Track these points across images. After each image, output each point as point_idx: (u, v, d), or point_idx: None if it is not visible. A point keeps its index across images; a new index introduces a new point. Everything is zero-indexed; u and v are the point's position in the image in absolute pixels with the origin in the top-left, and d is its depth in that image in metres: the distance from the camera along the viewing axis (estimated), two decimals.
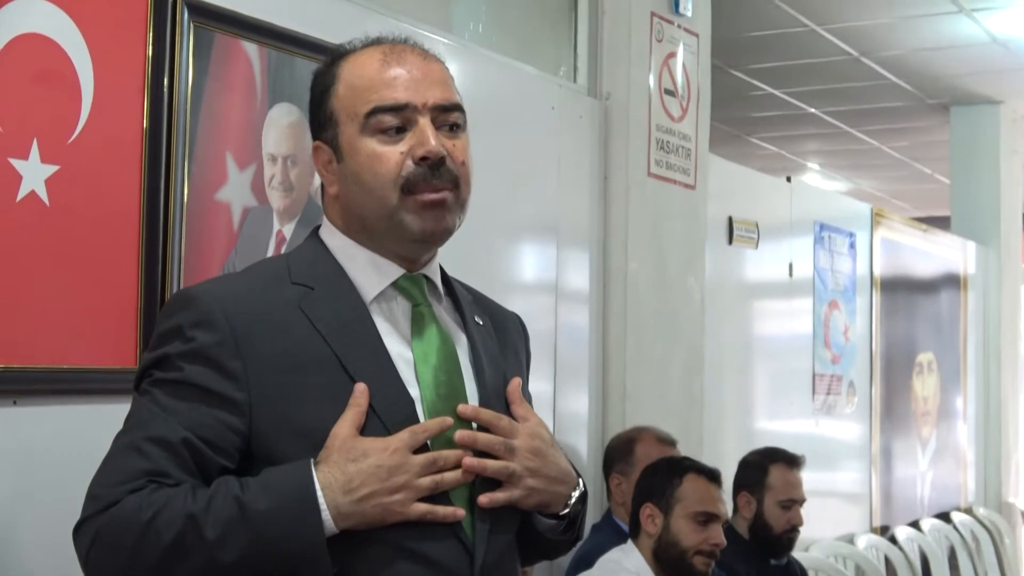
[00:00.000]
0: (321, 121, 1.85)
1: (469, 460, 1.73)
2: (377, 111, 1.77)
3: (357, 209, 1.81)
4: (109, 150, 2.52)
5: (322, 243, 1.87)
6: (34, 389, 2.38)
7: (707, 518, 3.35)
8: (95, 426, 2.47)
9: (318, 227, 1.92)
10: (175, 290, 2.61)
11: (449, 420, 1.74)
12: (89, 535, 1.64)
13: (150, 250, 2.59)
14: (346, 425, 1.68)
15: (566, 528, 1.93)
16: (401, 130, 1.77)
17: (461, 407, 1.78)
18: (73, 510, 2.40)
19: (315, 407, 1.70)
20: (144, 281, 2.58)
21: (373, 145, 1.77)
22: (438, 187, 1.77)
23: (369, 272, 1.82)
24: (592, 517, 4.02)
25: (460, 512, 1.72)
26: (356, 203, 1.81)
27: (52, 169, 2.40)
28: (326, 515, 1.63)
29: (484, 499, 1.75)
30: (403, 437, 1.69)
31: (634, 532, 3.46)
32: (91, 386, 2.48)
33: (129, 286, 2.56)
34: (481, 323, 1.95)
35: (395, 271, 1.83)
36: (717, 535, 3.34)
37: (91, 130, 2.48)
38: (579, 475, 1.97)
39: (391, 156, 1.76)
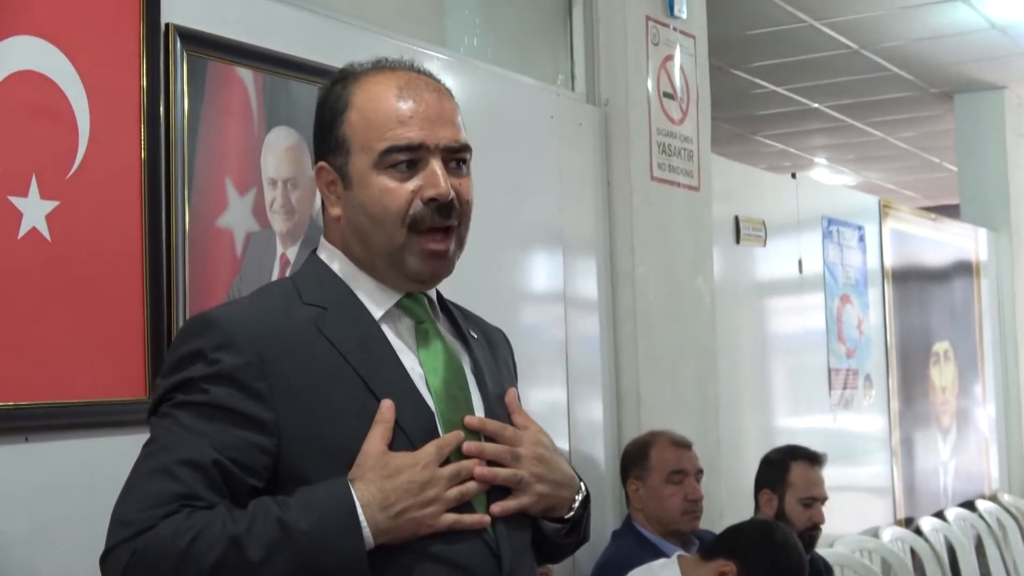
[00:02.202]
0: (330, 145, 1.86)
1: (480, 470, 1.78)
2: (392, 150, 1.81)
3: (362, 236, 1.85)
4: (108, 183, 2.53)
5: (324, 264, 1.89)
6: (45, 425, 2.38)
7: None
8: (108, 458, 2.48)
9: (315, 249, 1.94)
10: (181, 319, 2.62)
11: (462, 433, 1.80)
12: (121, 562, 1.62)
13: (154, 280, 2.59)
14: (378, 442, 1.72)
15: (570, 531, 1.96)
16: (412, 164, 1.82)
17: (468, 419, 1.83)
18: (88, 544, 2.40)
19: (341, 424, 1.73)
20: (150, 311, 2.58)
21: (384, 181, 1.81)
22: (443, 225, 1.82)
23: (374, 292, 1.86)
24: (612, 524, 4.02)
25: (486, 519, 1.78)
26: (361, 231, 1.85)
27: (52, 205, 2.41)
28: (366, 532, 1.67)
29: (497, 508, 1.80)
30: (430, 452, 1.74)
31: None
32: (102, 419, 2.48)
33: (135, 317, 2.56)
34: (476, 337, 2.00)
35: (396, 292, 1.88)
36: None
37: (89, 164, 2.48)
38: (580, 479, 2.00)
39: (401, 194, 1.80)
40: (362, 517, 1.66)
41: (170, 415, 1.71)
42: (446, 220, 1.83)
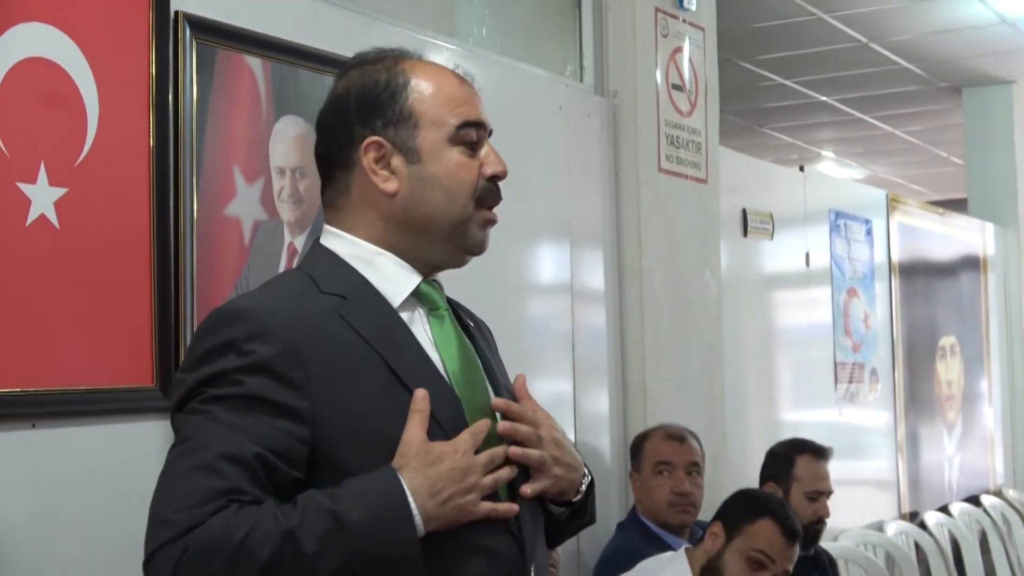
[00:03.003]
0: (388, 119, 1.86)
1: (515, 449, 1.82)
2: (467, 125, 1.87)
3: (426, 211, 1.86)
4: (117, 170, 2.53)
5: (333, 253, 1.88)
6: (52, 411, 2.38)
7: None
8: (114, 445, 2.51)
9: (316, 239, 1.94)
10: (189, 307, 2.63)
11: (489, 421, 1.81)
12: (171, 562, 1.59)
13: (162, 268, 2.59)
14: (419, 430, 1.73)
15: (573, 515, 1.99)
16: (474, 146, 1.88)
17: (495, 401, 1.87)
18: (95, 530, 2.43)
19: (374, 413, 1.74)
20: (157, 299, 2.58)
21: (457, 155, 1.86)
22: (495, 204, 1.91)
23: (393, 278, 1.86)
24: (617, 516, 4.03)
25: (515, 507, 1.80)
26: (427, 204, 1.86)
27: (60, 192, 2.41)
28: (417, 519, 1.68)
29: (527, 489, 1.83)
30: (466, 439, 1.76)
31: None
32: (108, 406, 2.49)
33: (142, 305, 2.56)
34: (473, 324, 2.03)
35: (416, 277, 1.88)
36: None
37: (98, 151, 2.48)
38: (585, 463, 2.02)
39: (473, 168, 1.87)
40: (413, 505, 1.67)
41: (203, 410, 1.68)
42: (497, 199, 1.91)
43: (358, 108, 1.88)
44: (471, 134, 1.87)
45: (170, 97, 2.64)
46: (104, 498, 2.47)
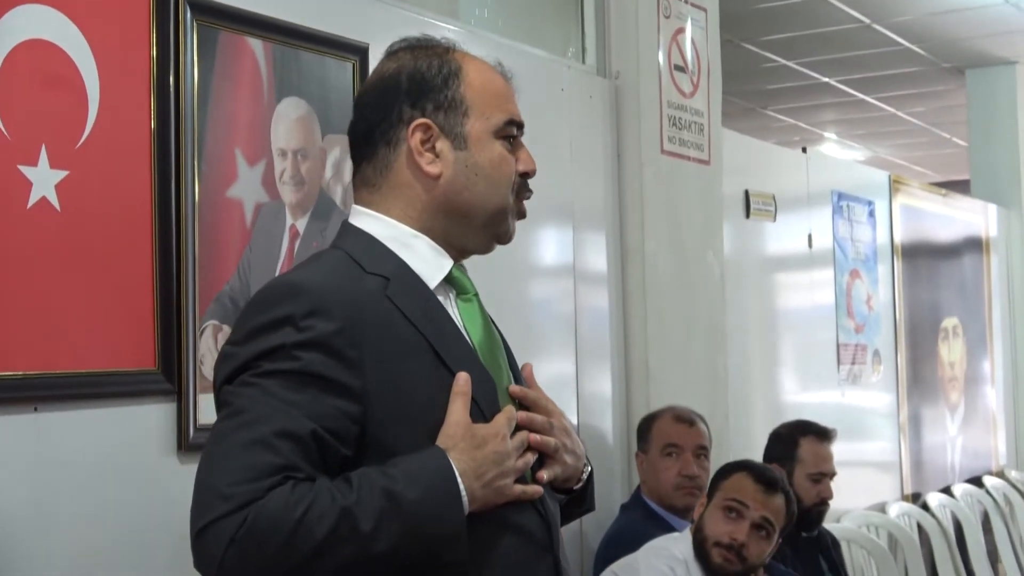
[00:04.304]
0: (439, 103, 1.90)
1: (536, 438, 1.87)
2: (511, 123, 1.94)
3: (468, 196, 1.90)
4: (118, 152, 2.52)
5: (368, 234, 1.90)
6: (54, 395, 2.38)
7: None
8: (117, 429, 2.50)
9: (346, 219, 1.95)
10: (191, 290, 2.62)
11: (512, 405, 1.88)
12: (226, 535, 1.60)
13: (164, 250, 2.59)
14: (464, 413, 1.78)
15: (572, 502, 2.03)
16: (513, 141, 1.96)
17: (512, 388, 1.92)
18: (96, 513, 2.42)
19: (423, 394, 1.78)
20: (159, 282, 2.58)
21: (502, 148, 1.92)
22: (527, 198, 1.99)
23: (429, 261, 1.89)
24: (620, 497, 4.03)
25: (541, 489, 1.86)
26: (470, 191, 1.90)
27: (62, 174, 2.40)
28: (464, 500, 1.72)
29: (546, 475, 1.89)
30: (502, 423, 1.81)
31: None
32: (111, 389, 2.49)
33: (144, 287, 2.56)
34: None
35: (448, 262, 1.92)
36: None
37: (99, 133, 2.48)
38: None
39: (512, 163, 1.93)
40: (461, 486, 1.72)
41: (256, 384, 1.69)
42: (531, 192, 1.99)
43: (408, 89, 1.90)
44: (513, 131, 1.94)
45: (171, 79, 2.63)
46: (106, 482, 2.47)
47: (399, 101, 1.90)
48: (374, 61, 3.13)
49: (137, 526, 2.52)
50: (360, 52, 3.11)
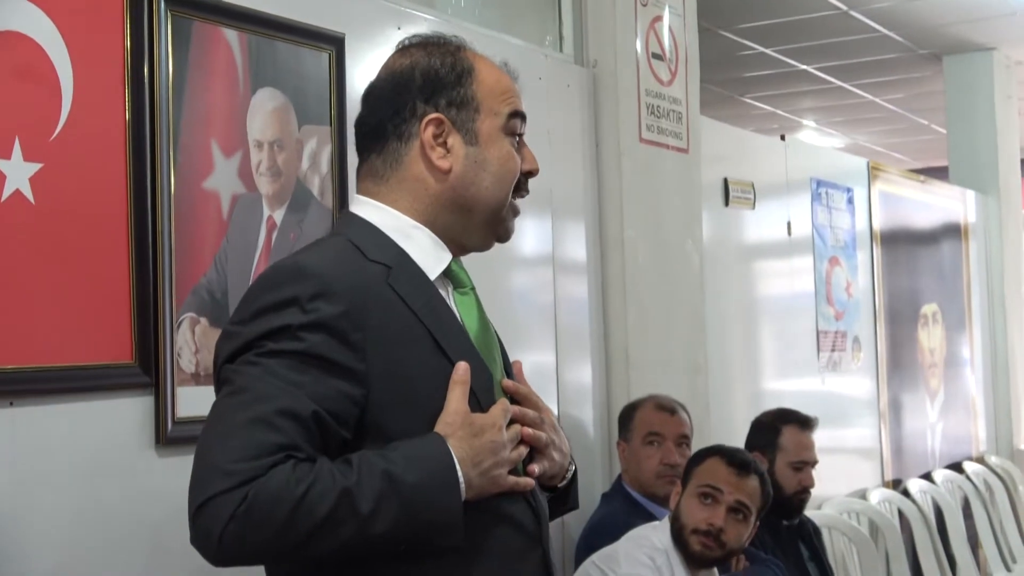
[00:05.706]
0: (453, 100, 1.92)
1: (528, 431, 1.89)
2: (517, 115, 1.96)
3: (476, 191, 1.93)
4: (93, 145, 2.51)
5: (370, 223, 1.91)
6: (30, 389, 2.37)
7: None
8: (93, 422, 2.49)
9: (346, 208, 1.98)
10: (167, 282, 2.61)
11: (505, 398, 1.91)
12: (227, 510, 1.60)
13: (140, 243, 2.58)
14: (463, 401, 1.80)
15: (556, 499, 2.04)
16: (518, 139, 1.98)
17: (504, 382, 1.94)
18: (72, 507, 2.41)
19: (422, 381, 1.80)
20: (135, 274, 2.57)
21: (509, 145, 1.95)
22: (524, 196, 2.01)
23: (429, 253, 1.91)
24: (601, 486, 4.03)
25: (532, 481, 1.89)
26: (477, 186, 1.93)
27: (36, 167, 2.39)
28: (462, 487, 1.74)
29: (536, 468, 1.91)
30: (499, 414, 1.83)
31: None
32: (88, 383, 2.47)
33: (121, 280, 2.55)
34: None
35: (448, 255, 1.94)
36: None
37: (73, 126, 2.46)
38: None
39: (518, 161, 1.97)
40: (459, 472, 1.74)
41: (259, 363, 1.70)
42: (528, 190, 2.02)
43: (422, 85, 1.92)
44: (518, 125, 1.96)
45: (146, 70, 2.61)
46: (83, 476, 2.46)
47: (412, 96, 1.92)
48: (350, 51, 3.14)
49: (115, 520, 2.51)
50: (336, 42, 3.10)
